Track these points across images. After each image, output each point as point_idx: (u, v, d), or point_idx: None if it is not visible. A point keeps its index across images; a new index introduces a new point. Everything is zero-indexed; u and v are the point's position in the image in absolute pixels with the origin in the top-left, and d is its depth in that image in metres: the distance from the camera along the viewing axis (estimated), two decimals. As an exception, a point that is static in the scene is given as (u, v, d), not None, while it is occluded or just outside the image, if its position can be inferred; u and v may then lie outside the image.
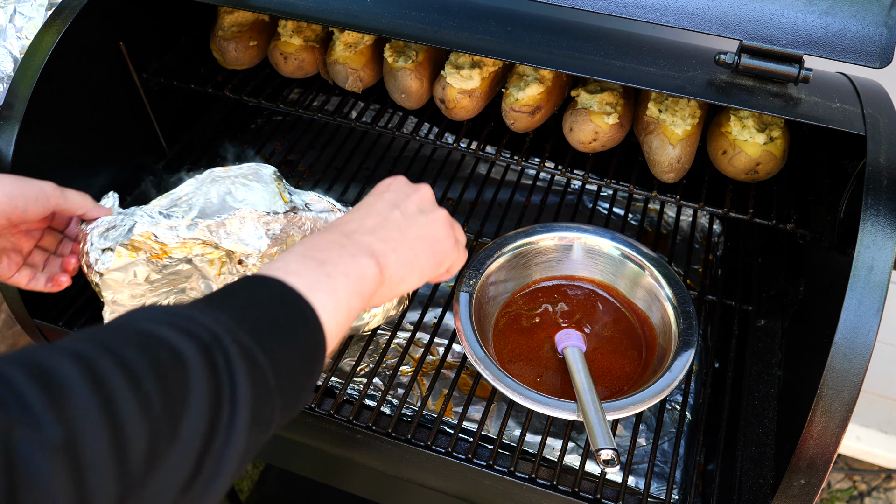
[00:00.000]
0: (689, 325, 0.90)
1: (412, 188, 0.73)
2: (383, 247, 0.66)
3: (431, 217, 0.71)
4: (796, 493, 0.74)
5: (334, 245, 0.63)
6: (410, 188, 0.73)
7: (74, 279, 1.04)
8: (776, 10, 0.79)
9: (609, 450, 0.75)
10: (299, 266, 0.59)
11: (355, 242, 0.64)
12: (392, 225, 0.68)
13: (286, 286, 0.56)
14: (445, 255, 0.72)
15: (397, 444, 0.87)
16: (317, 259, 0.60)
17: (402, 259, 0.67)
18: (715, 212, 0.97)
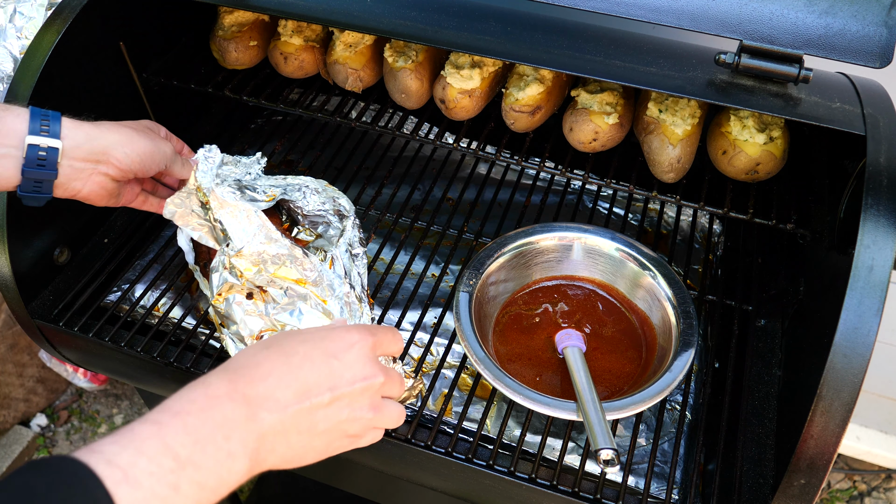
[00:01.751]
0: (689, 325, 0.90)
1: (371, 371, 0.68)
2: (274, 440, 0.60)
3: (362, 422, 0.67)
4: (796, 493, 0.74)
5: (216, 433, 0.56)
6: (369, 370, 0.68)
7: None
8: (776, 10, 0.79)
9: (609, 450, 0.75)
10: (147, 465, 0.51)
11: (244, 429, 0.58)
12: (306, 413, 0.63)
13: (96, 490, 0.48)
14: (349, 445, 0.69)
15: (397, 444, 0.87)
16: (178, 458, 0.53)
17: (288, 454, 0.63)
18: (715, 212, 0.97)
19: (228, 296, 0.89)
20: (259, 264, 0.87)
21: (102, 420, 2.08)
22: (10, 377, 1.93)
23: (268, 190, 0.97)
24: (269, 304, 0.88)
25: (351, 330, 0.69)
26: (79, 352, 1.03)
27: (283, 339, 0.67)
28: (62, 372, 2.02)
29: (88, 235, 1.08)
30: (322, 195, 1.01)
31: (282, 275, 0.87)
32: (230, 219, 0.87)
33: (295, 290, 0.87)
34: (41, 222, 0.98)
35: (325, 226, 1.01)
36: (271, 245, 0.87)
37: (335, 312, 0.88)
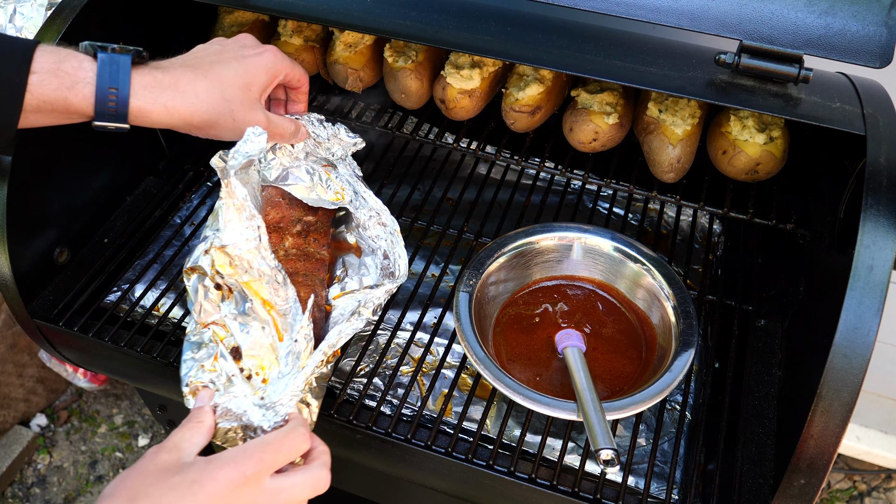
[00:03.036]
0: (689, 325, 0.90)
1: None
2: None
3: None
4: (796, 493, 0.74)
5: None
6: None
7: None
8: (776, 10, 0.79)
9: (609, 450, 0.75)
10: None
11: None
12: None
13: None
14: None
15: (397, 444, 0.87)
16: None
17: None
18: (715, 212, 0.97)
19: (195, 277, 0.85)
20: (235, 269, 0.83)
21: (102, 420, 2.08)
22: (10, 377, 1.93)
23: (338, 187, 0.94)
24: (230, 305, 0.84)
25: (226, 466, 0.65)
26: (79, 352, 1.03)
27: (149, 492, 0.63)
28: (62, 372, 2.02)
29: (88, 235, 1.08)
30: (386, 239, 0.96)
31: (254, 288, 0.83)
32: (232, 213, 0.82)
33: (256, 310, 0.83)
34: (41, 222, 0.98)
35: (357, 271, 0.97)
36: (257, 259, 0.82)
37: (281, 353, 0.83)
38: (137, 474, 0.65)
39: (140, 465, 0.66)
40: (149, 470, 0.65)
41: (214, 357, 0.81)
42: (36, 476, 1.96)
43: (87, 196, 1.06)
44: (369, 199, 0.97)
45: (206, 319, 0.84)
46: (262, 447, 0.68)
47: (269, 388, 0.80)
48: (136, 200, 1.16)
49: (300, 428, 0.73)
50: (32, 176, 0.94)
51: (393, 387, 0.96)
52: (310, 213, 0.98)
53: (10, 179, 0.90)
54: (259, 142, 0.83)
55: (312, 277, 0.92)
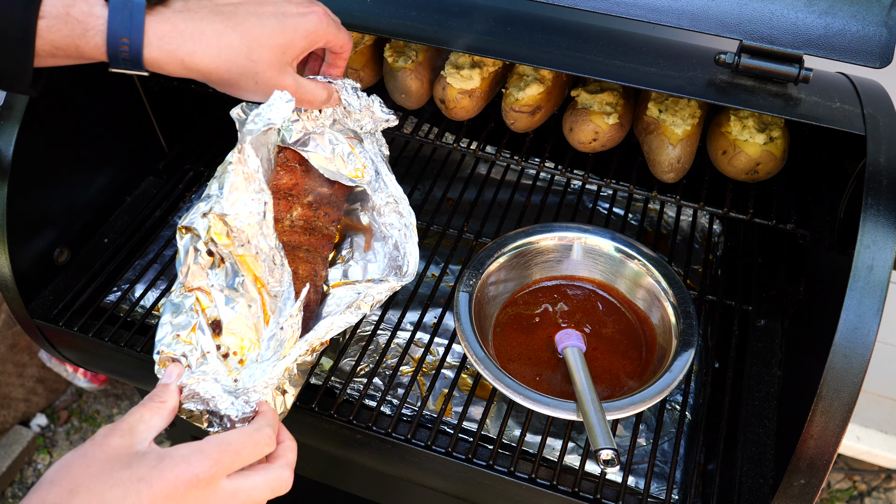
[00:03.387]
0: (689, 325, 0.90)
1: None
2: None
3: None
4: (796, 493, 0.74)
5: None
6: None
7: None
8: (776, 10, 0.79)
9: (609, 450, 0.75)
10: None
11: None
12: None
13: None
14: None
15: (397, 444, 0.87)
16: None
17: None
18: (715, 212, 0.97)
19: (188, 237, 0.80)
20: (232, 240, 0.77)
21: (102, 420, 2.08)
22: (10, 377, 1.93)
23: (360, 163, 0.87)
24: (219, 275, 0.79)
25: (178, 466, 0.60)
26: (79, 352, 1.03)
27: (91, 485, 0.58)
28: (62, 372, 2.02)
29: (88, 235, 1.08)
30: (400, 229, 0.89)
31: (248, 264, 0.78)
32: (239, 181, 0.77)
33: (246, 287, 0.78)
34: (41, 222, 0.98)
35: (364, 255, 0.91)
36: (256, 235, 0.77)
37: (264, 335, 0.78)
38: (83, 461, 0.60)
39: (88, 448, 0.61)
40: (95, 457, 0.60)
41: (192, 328, 0.77)
42: (36, 476, 1.96)
43: (87, 196, 1.06)
44: (389, 184, 0.90)
45: (191, 283, 0.79)
46: (222, 448, 0.63)
47: (245, 371, 0.76)
48: (136, 200, 1.16)
49: (266, 428, 0.68)
50: (32, 176, 0.94)
51: (393, 387, 0.96)
52: (325, 185, 0.92)
53: (10, 179, 0.90)
54: (285, 109, 0.77)
55: (315, 254, 0.88)
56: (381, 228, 0.92)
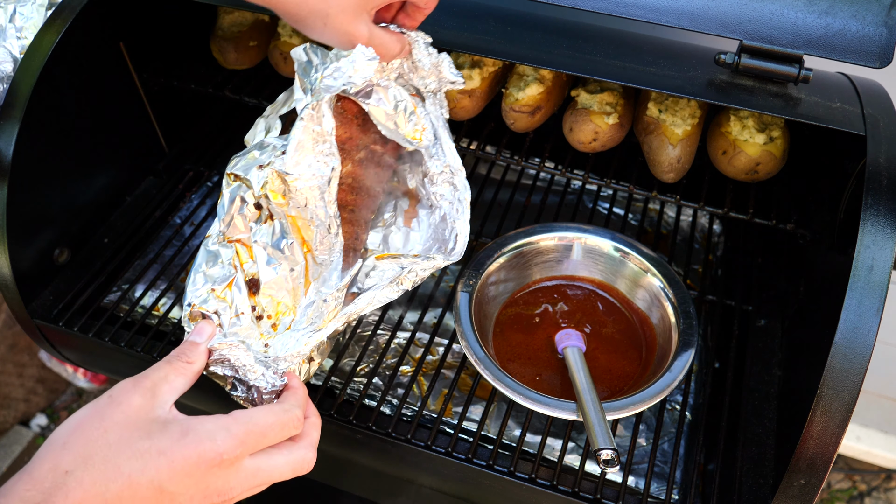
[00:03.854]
0: (689, 325, 0.90)
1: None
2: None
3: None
4: (796, 493, 0.74)
5: None
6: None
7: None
8: (776, 10, 0.79)
9: (609, 450, 0.75)
10: None
11: None
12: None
13: None
14: None
15: (397, 444, 0.87)
16: None
17: None
18: (715, 212, 0.97)
19: (237, 185, 0.74)
20: (287, 201, 0.72)
21: (102, 420, 2.08)
22: (10, 377, 1.93)
23: (420, 125, 0.80)
24: (265, 232, 0.74)
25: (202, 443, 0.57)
26: (79, 352, 1.03)
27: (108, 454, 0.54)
28: (62, 372, 2.02)
29: (88, 235, 1.08)
30: (451, 202, 0.81)
31: (299, 227, 0.73)
32: (308, 140, 0.71)
33: (293, 251, 0.73)
34: (41, 222, 0.98)
35: (406, 222, 0.85)
36: (316, 199, 0.72)
37: (302, 302, 0.74)
38: (99, 423, 0.56)
39: (106, 407, 0.57)
40: (114, 420, 0.56)
41: (229, 283, 0.71)
42: (36, 476, 1.96)
43: (87, 196, 1.06)
44: (448, 153, 0.83)
45: (232, 234, 0.73)
46: (249, 428, 0.59)
47: (278, 338, 0.72)
48: (136, 200, 1.16)
49: (295, 409, 0.64)
50: (32, 176, 0.94)
51: (393, 387, 0.96)
52: (380, 142, 0.85)
53: (10, 179, 0.90)
54: (367, 69, 0.70)
55: (359, 215, 0.83)
56: (429, 196, 0.85)
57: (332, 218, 0.74)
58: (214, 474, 0.57)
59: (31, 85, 0.90)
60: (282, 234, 0.73)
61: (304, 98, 0.73)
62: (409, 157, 0.90)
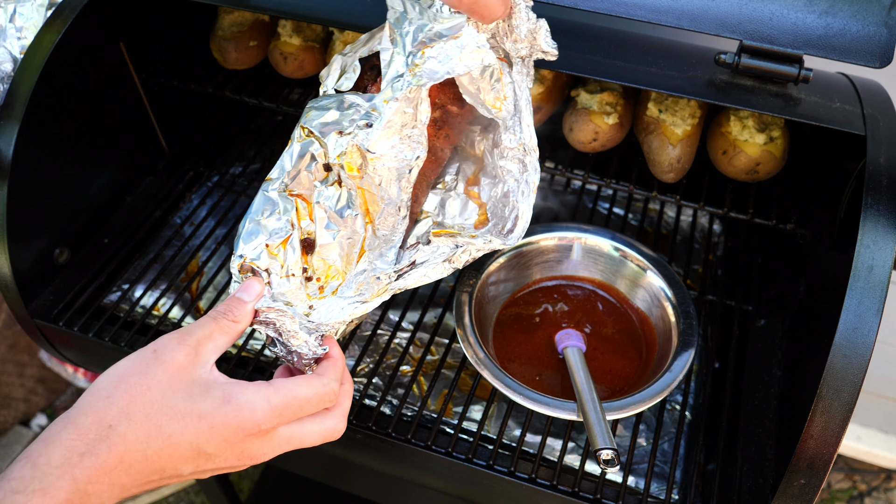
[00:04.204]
0: (689, 325, 0.90)
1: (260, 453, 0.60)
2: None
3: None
4: (796, 493, 0.74)
5: None
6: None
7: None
8: (776, 10, 0.79)
9: (609, 450, 0.75)
10: None
11: None
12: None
13: None
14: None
15: (397, 444, 0.87)
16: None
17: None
18: (715, 212, 0.97)
19: (309, 141, 0.70)
20: (362, 175, 0.69)
21: (102, 420, 2.08)
22: (10, 377, 1.93)
23: (502, 94, 0.74)
24: (327, 194, 0.70)
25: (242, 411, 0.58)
26: (79, 352, 1.03)
27: (150, 412, 0.56)
28: (62, 372, 2.02)
29: (88, 235, 1.08)
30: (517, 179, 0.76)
31: (366, 201, 0.69)
32: (397, 121, 0.67)
33: (355, 222, 0.70)
34: (41, 222, 0.98)
35: (465, 191, 0.79)
36: (391, 182, 0.68)
37: (352, 271, 0.71)
38: (143, 379, 0.57)
39: (150, 363, 0.58)
40: (157, 378, 0.57)
41: (284, 241, 0.68)
42: (36, 476, 1.96)
43: (87, 196, 1.06)
44: (525, 130, 0.77)
45: (295, 189, 0.70)
46: (289, 400, 0.60)
47: (323, 302, 0.70)
48: (136, 200, 1.16)
49: (333, 383, 0.65)
50: (32, 176, 0.94)
51: (393, 387, 0.96)
52: (457, 103, 0.80)
53: (10, 179, 0.90)
54: (473, 59, 0.66)
55: (422, 178, 0.79)
56: (495, 167, 0.81)
57: (402, 202, 0.71)
58: (251, 441, 0.59)
59: (31, 85, 0.90)
60: (347, 203, 0.70)
61: (390, 48, 0.70)
62: (480, 118, 0.85)
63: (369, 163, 0.68)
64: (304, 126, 0.70)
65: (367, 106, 0.70)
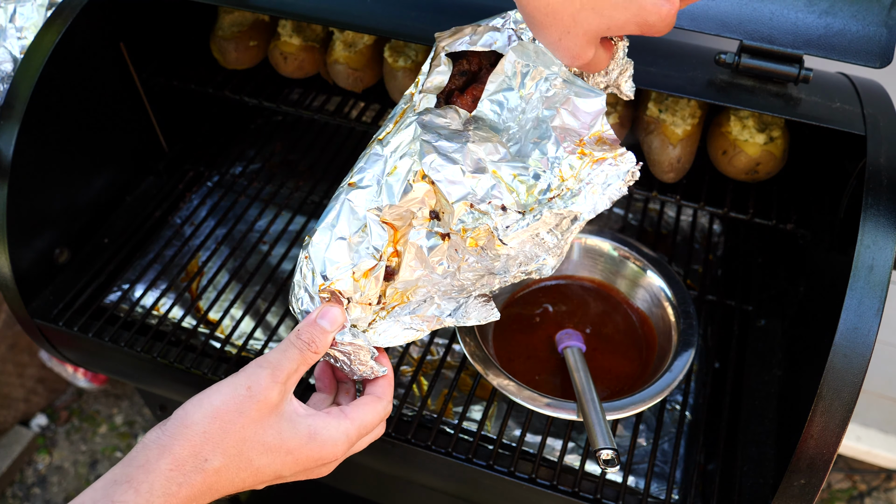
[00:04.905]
0: (689, 325, 0.90)
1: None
2: None
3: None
4: (796, 493, 0.74)
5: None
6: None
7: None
8: (776, 10, 0.79)
9: (609, 450, 0.75)
10: None
11: None
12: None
13: None
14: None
15: (398, 444, 0.87)
16: None
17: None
18: (715, 212, 0.97)
19: (425, 187, 0.64)
20: (480, 250, 0.65)
21: (102, 420, 2.08)
22: (10, 377, 1.93)
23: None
24: (427, 239, 0.65)
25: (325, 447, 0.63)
26: (79, 352, 1.03)
27: (242, 448, 0.60)
28: (62, 372, 2.02)
29: (88, 235, 1.08)
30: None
31: (468, 263, 0.65)
32: (543, 228, 0.64)
33: (444, 273, 0.66)
34: (41, 222, 0.98)
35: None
36: (506, 266, 0.66)
37: (413, 299, 0.69)
38: (238, 418, 0.60)
39: (245, 401, 0.60)
40: (250, 416, 0.60)
41: (368, 271, 0.65)
42: (36, 476, 1.96)
43: (87, 196, 1.06)
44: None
45: (387, 217, 0.66)
46: (361, 431, 0.65)
47: (382, 324, 0.69)
48: (136, 200, 1.16)
49: (390, 404, 0.69)
50: (32, 176, 0.94)
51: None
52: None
53: (10, 179, 0.90)
54: (604, 202, 0.64)
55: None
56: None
57: (504, 281, 0.70)
58: (325, 467, 0.65)
59: (31, 85, 0.90)
60: (446, 261, 0.67)
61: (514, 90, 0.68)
62: None
63: (494, 247, 0.65)
64: (425, 173, 0.65)
65: (502, 188, 0.65)
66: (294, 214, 1.15)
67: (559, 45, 0.65)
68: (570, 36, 0.64)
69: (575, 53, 0.65)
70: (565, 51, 0.65)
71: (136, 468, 0.57)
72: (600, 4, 0.61)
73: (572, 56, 0.65)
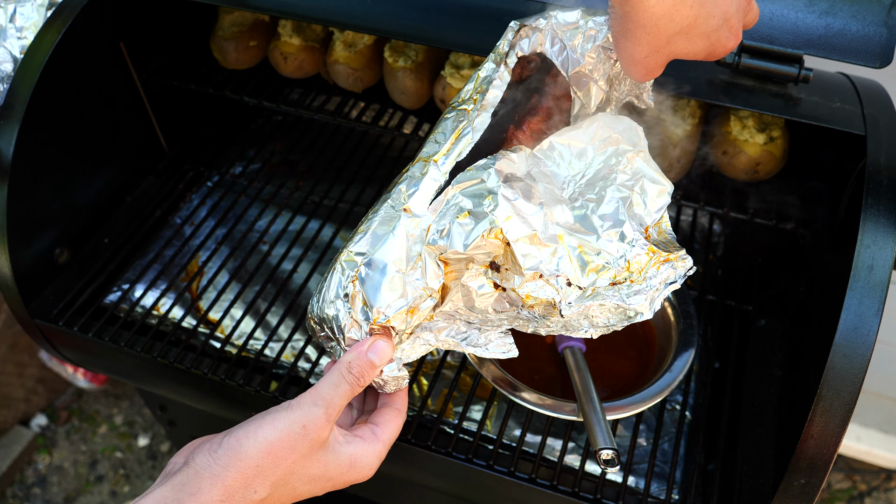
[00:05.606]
0: (689, 325, 0.90)
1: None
2: None
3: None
4: (796, 493, 0.74)
5: None
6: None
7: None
8: (776, 10, 0.79)
9: (609, 450, 0.75)
10: None
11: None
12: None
13: None
14: None
15: (398, 445, 0.87)
16: None
17: None
18: (715, 212, 0.97)
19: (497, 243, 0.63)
20: (537, 313, 0.65)
21: (102, 420, 2.08)
22: (10, 377, 1.93)
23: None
24: (477, 285, 0.65)
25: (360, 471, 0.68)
26: (79, 352, 1.03)
27: (290, 480, 0.63)
28: (62, 372, 2.02)
29: (88, 235, 1.08)
30: None
31: (517, 319, 0.66)
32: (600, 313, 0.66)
33: (486, 316, 0.67)
34: (41, 222, 0.98)
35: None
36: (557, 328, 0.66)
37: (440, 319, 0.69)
38: (290, 454, 0.62)
39: (298, 440, 0.62)
40: (300, 452, 0.62)
41: (416, 307, 0.65)
42: (36, 476, 1.96)
43: (87, 196, 1.06)
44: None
45: (451, 263, 0.64)
46: (389, 448, 0.70)
47: (406, 345, 0.69)
48: (136, 200, 1.16)
49: (403, 421, 0.71)
50: (32, 176, 0.94)
51: (393, 387, 0.96)
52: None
53: (10, 179, 0.90)
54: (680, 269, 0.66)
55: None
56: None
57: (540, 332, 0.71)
58: (353, 482, 0.69)
59: (32, 85, 0.90)
60: (492, 306, 0.66)
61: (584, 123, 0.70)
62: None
63: (551, 315, 0.65)
64: (503, 233, 0.63)
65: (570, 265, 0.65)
66: (294, 214, 1.15)
67: (644, 62, 0.66)
68: (658, 55, 0.65)
69: (653, 71, 0.67)
70: (646, 68, 0.67)
71: (188, 495, 0.58)
72: (693, 33, 0.63)
73: (650, 73, 0.67)
